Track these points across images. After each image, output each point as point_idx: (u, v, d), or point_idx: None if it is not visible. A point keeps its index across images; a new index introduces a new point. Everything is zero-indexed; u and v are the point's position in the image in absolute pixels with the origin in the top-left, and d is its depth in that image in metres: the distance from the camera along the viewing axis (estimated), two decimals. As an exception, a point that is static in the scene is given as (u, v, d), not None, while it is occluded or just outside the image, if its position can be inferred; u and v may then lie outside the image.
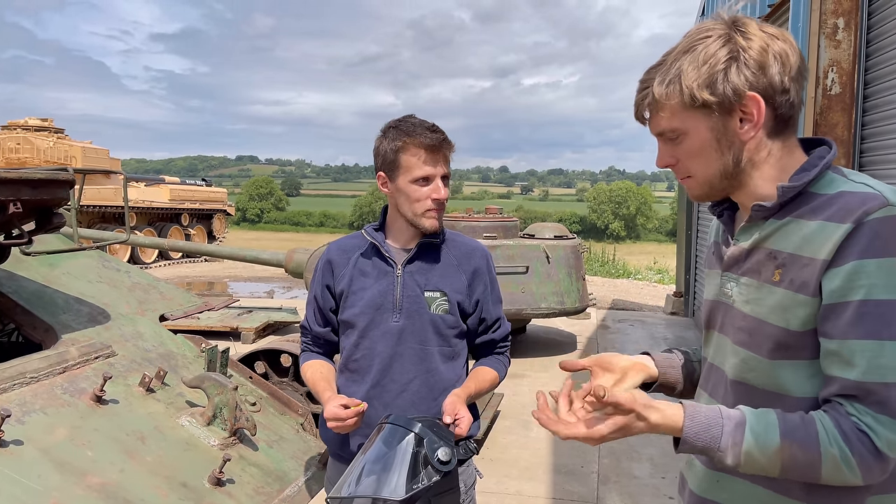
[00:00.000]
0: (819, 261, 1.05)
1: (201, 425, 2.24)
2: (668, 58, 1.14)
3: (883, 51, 4.14)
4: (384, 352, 1.84)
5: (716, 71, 1.08)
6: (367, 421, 1.79)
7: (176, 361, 2.57)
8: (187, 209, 21.68)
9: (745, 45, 1.08)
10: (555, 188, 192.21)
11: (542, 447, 4.89)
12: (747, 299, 1.16)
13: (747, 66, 1.08)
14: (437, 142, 1.79)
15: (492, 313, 1.97)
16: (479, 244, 2.00)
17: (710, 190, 1.19)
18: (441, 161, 1.82)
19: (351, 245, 1.95)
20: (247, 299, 11.89)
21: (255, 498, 2.10)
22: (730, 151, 1.13)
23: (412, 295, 1.85)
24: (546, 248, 7.34)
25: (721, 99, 1.09)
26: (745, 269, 1.17)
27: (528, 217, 38.61)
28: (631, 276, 18.21)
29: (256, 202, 74.79)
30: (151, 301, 2.92)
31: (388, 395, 1.83)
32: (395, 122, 1.85)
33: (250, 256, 8.53)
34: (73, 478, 1.77)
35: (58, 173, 2.10)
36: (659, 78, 1.13)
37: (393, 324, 1.84)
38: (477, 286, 1.93)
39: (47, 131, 18.64)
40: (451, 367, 1.89)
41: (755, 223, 1.16)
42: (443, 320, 1.86)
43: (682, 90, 1.10)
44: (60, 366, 2.13)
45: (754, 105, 1.09)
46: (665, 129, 1.16)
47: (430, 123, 1.83)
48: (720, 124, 1.11)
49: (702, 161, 1.15)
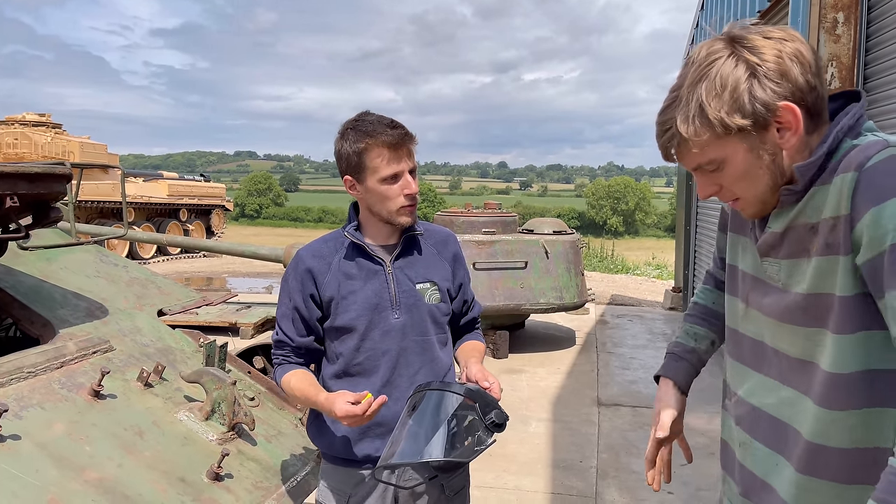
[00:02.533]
0: (841, 217, 1.03)
1: (199, 420, 2.23)
2: (680, 92, 1.10)
3: (883, 45, 4.13)
4: (391, 349, 1.83)
5: (740, 92, 1.05)
6: (380, 420, 1.76)
7: (174, 356, 2.57)
8: (186, 204, 21.67)
9: (758, 59, 1.05)
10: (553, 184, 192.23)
11: (541, 442, 4.89)
12: (798, 280, 1.13)
13: (768, 77, 1.05)
14: (400, 138, 1.76)
15: (469, 294, 2.04)
16: (448, 230, 2.04)
17: (763, 206, 1.17)
18: (405, 156, 1.78)
19: (326, 249, 1.88)
20: (245, 295, 11.88)
21: (253, 493, 2.10)
22: (773, 164, 1.10)
23: (407, 290, 1.85)
24: (545, 244, 7.33)
25: (754, 119, 1.06)
26: (788, 252, 1.15)
27: (526, 212, 38.61)
28: (629, 271, 18.22)
29: (255, 198, 74.70)
30: (149, 296, 2.91)
31: (398, 391, 1.82)
32: (353, 123, 1.79)
33: (248, 252, 8.52)
34: (71, 473, 1.76)
35: (55, 167, 2.09)
36: (681, 116, 1.09)
37: (394, 321, 1.83)
38: (458, 270, 1.98)
39: (45, 126, 18.60)
40: (446, 352, 1.95)
41: (787, 207, 1.14)
42: (438, 309, 1.89)
43: (712, 122, 1.07)
44: (58, 360, 2.12)
45: (789, 114, 1.06)
46: (701, 163, 1.13)
47: (388, 119, 1.78)
48: (758, 142, 1.09)
49: (748, 181, 1.13)
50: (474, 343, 2.02)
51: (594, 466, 4.49)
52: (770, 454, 1.21)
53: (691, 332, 1.55)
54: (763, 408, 1.23)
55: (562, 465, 4.49)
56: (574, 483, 4.23)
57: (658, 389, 1.50)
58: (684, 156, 1.13)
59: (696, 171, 1.16)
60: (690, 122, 1.08)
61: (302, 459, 2.44)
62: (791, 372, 1.17)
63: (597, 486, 4.20)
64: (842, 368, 1.07)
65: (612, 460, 4.59)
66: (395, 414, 1.74)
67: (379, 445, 1.80)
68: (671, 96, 1.12)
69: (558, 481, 4.24)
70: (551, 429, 5.20)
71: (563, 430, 5.16)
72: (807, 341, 1.13)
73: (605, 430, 5.20)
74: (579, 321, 9.37)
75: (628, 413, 5.60)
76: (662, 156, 1.17)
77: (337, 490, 1.88)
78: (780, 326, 1.17)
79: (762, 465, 1.23)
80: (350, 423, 1.65)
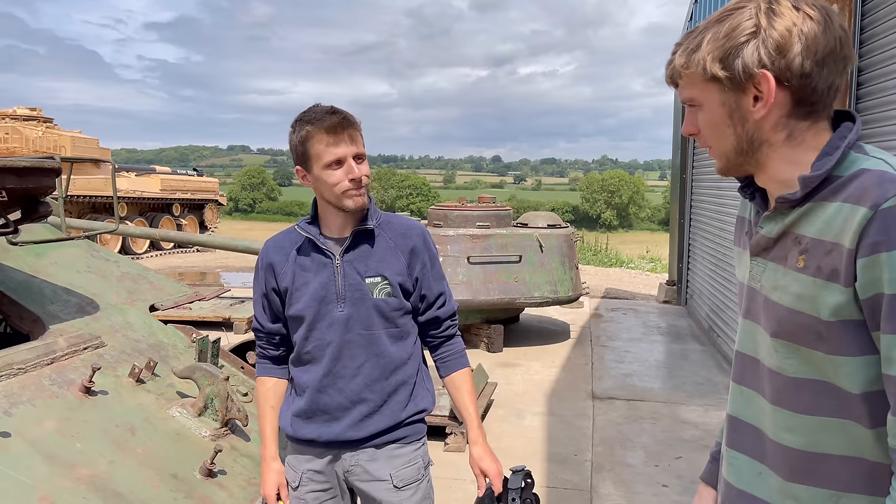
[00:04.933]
0: (844, 249, 1.01)
1: (192, 416, 2.22)
2: (701, 25, 1.12)
3: (877, 37, 4.13)
4: (333, 341, 1.87)
5: (732, 45, 1.06)
6: (323, 408, 1.89)
7: (166, 352, 2.55)
8: (179, 199, 21.56)
9: (768, 23, 1.04)
10: (548, 177, 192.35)
11: (536, 436, 4.89)
12: (774, 286, 1.13)
13: (765, 44, 1.04)
14: (336, 123, 1.78)
15: (433, 289, 1.97)
16: (414, 223, 2.01)
17: (727, 163, 1.17)
18: (346, 141, 1.80)
19: (287, 241, 1.95)
20: (239, 289, 11.84)
21: (246, 489, 2.08)
22: (742, 128, 1.11)
23: (353, 283, 1.87)
24: (539, 238, 7.32)
25: (731, 75, 1.06)
26: (773, 255, 1.15)
27: (521, 206, 38.61)
28: (624, 265, 18.24)
29: (248, 192, 74.45)
30: (141, 291, 2.89)
31: (341, 381, 1.88)
32: (301, 114, 1.84)
33: (242, 246, 8.49)
34: (62, 470, 1.74)
35: (43, 161, 2.07)
36: (683, 46, 1.12)
37: (338, 313, 1.86)
38: (415, 264, 1.94)
39: (36, 121, 18.47)
40: (400, 346, 1.93)
41: (781, 212, 1.13)
42: (386, 304, 1.88)
43: (698, 61, 1.09)
44: (48, 357, 2.10)
45: (765, 84, 1.05)
46: (686, 97, 1.16)
47: (329, 107, 1.82)
48: (732, 100, 1.09)
49: (716, 134, 1.14)
50: (463, 384, 2.00)
51: (589, 460, 4.49)
52: (751, 462, 1.21)
53: None
54: (741, 417, 1.25)
55: (557, 459, 4.49)
56: (569, 476, 4.23)
57: (697, 493, 1.47)
58: (680, 86, 1.17)
59: (685, 104, 1.19)
60: (685, 53, 1.12)
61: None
62: (767, 382, 1.17)
63: (592, 479, 4.20)
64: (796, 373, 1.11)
65: (607, 454, 4.60)
66: (337, 403, 1.87)
67: (322, 431, 1.89)
68: (697, 27, 1.14)
69: (553, 475, 4.24)
70: (546, 422, 5.20)
71: (558, 424, 5.16)
72: (776, 353, 1.13)
73: (600, 423, 5.20)
74: (574, 315, 9.38)
75: (623, 406, 5.61)
76: (666, 76, 1.20)
77: (293, 466, 1.96)
78: (761, 333, 1.17)
79: (744, 476, 1.23)
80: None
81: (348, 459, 1.92)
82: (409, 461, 1.93)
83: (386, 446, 1.91)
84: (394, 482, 1.90)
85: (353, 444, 1.90)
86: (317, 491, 1.92)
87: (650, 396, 5.86)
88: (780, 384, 1.13)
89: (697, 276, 9.35)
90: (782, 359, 1.12)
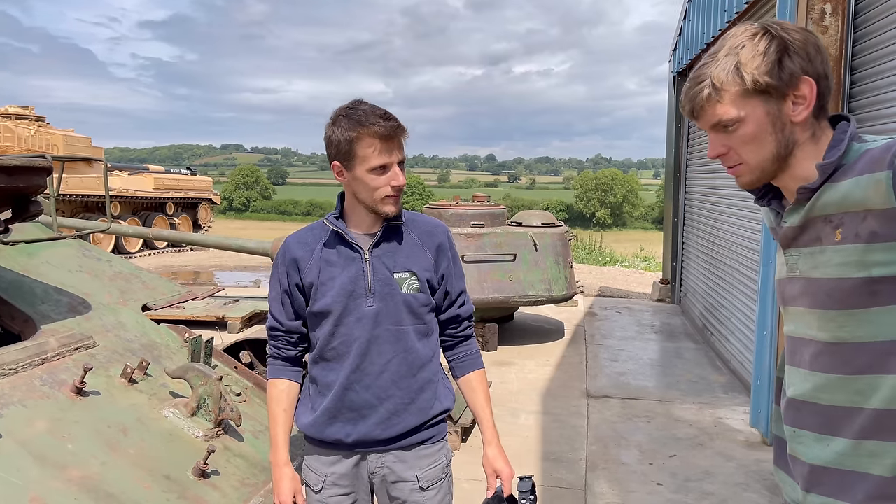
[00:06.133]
0: (877, 210, 1.13)
1: (185, 416, 2.20)
2: (719, 55, 1.24)
3: (870, 36, 4.14)
4: (361, 336, 1.85)
5: (773, 59, 1.20)
6: (349, 405, 1.86)
7: (159, 352, 2.53)
8: (172, 198, 21.49)
9: (790, 38, 1.21)
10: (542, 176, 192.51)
11: (531, 435, 4.90)
12: (814, 265, 1.25)
13: (798, 54, 1.20)
14: (392, 130, 1.77)
15: (455, 287, 1.99)
16: (438, 221, 2.02)
17: (760, 175, 1.29)
18: (396, 148, 1.80)
19: (311, 237, 1.93)
20: (233, 289, 11.82)
21: (240, 489, 2.07)
22: (782, 134, 1.24)
23: (383, 278, 1.86)
24: (533, 236, 7.33)
25: (779, 84, 1.21)
26: (803, 241, 1.27)
27: (515, 205, 38.62)
28: (618, 263, 18.27)
29: (242, 191, 74.30)
30: (133, 291, 2.87)
31: (368, 377, 1.86)
32: (346, 111, 1.80)
33: (235, 245, 8.46)
34: (54, 471, 1.73)
35: (34, 160, 2.05)
36: (717, 70, 1.23)
37: (367, 308, 1.85)
38: (441, 261, 1.94)
39: (28, 119, 18.38)
40: (426, 343, 1.92)
41: (800, 203, 1.26)
42: (415, 299, 1.88)
43: (745, 76, 1.21)
44: (40, 357, 2.08)
45: (807, 88, 1.21)
46: (723, 118, 1.25)
47: (381, 110, 1.79)
48: (776, 108, 1.23)
49: (755, 146, 1.25)
50: (479, 385, 2.00)
51: (583, 458, 4.49)
52: (818, 437, 1.28)
53: None
54: (802, 397, 1.31)
55: (551, 458, 4.49)
56: (563, 475, 4.23)
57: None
58: (707, 111, 1.26)
59: (712, 130, 1.29)
60: (726, 73, 1.23)
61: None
62: (824, 355, 1.25)
63: (586, 477, 4.20)
64: (853, 338, 1.20)
65: (602, 452, 4.60)
66: (364, 400, 1.85)
67: (350, 430, 1.87)
68: (709, 58, 1.26)
69: (548, 473, 4.24)
70: (540, 421, 5.20)
71: (553, 423, 5.16)
72: (831, 323, 1.22)
73: (595, 421, 5.21)
74: (568, 313, 9.39)
75: (617, 405, 5.61)
76: (687, 110, 1.30)
77: (315, 469, 1.94)
78: (810, 313, 1.26)
79: (814, 450, 1.29)
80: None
81: (375, 461, 1.91)
82: (434, 461, 1.94)
83: (414, 448, 1.91)
84: (420, 483, 1.90)
85: (380, 443, 1.89)
86: (339, 495, 1.91)
87: (644, 395, 5.87)
88: (842, 353, 1.22)
89: (691, 274, 9.36)
90: (838, 328, 1.21)
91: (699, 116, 1.28)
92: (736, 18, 6.56)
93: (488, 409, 1.98)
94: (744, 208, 6.59)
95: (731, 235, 7.06)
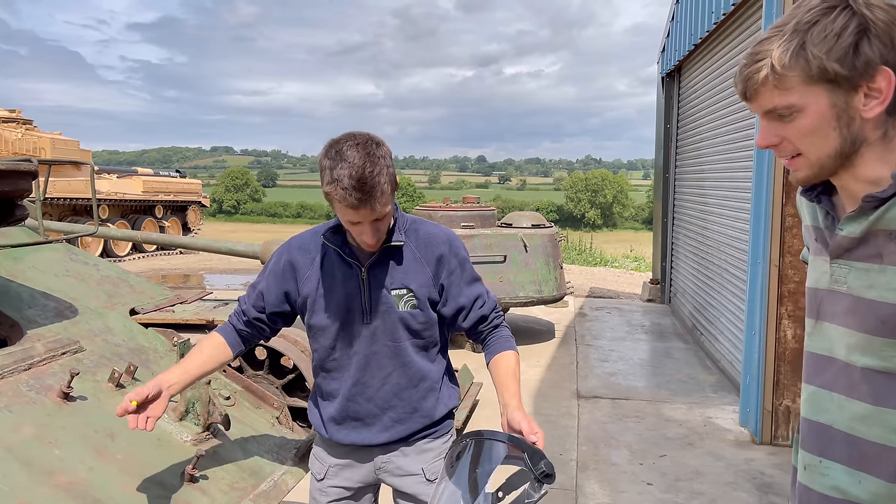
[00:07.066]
0: None
1: (173, 421, 2.19)
2: (785, 28, 1.05)
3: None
4: (360, 351, 1.86)
5: (847, 43, 1.01)
6: (353, 415, 1.90)
7: (147, 356, 2.52)
8: (161, 201, 21.38)
9: (873, 17, 1.01)
10: (532, 177, 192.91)
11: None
12: (870, 284, 1.08)
13: (879, 38, 1.01)
14: (359, 202, 1.64)
15: (466, 295, 1.92)
16: (440, 230, 1.94)
17: (819, 171, 1.11)
18: (367, 212, 1.68)
19: (312, 245, 1.91)
20: (222, 291, 11.76)
21: (229, 494, 2.06)
22: (848, 130, 1.06)
23: (379, 296, 1.85)
24: (523, 237, 7.34)
25: (850, 73, 1.02)
26: (859, 255, 1.10)
27: (505, 206, 38.68)
28: (608, 264, 18.32)
29: (232, 193, 74.03)
30: (121, 295, 2.86)
31: (370, 389, 1.88)
32: (331, 153, 1.66)
33: (225, 248, 8.42)
34: (40, 477, 1.72)
35: (19, 164, 2.04)
36: (780, 48, 1.04)
37: (364, 325, 1.85)
38: (441, 273, 1.89)
39: (15, 122, 18.23)
40: (425, 356, 1.93)
41: (864, 212, 1.09)
42: (412, 316, 1.86)
43: (810, 62, 1.02)
44: (26, 362, 2.06)
45: (885, 80, 1.02)
46: (778, 105, 1.08)
47: (357, 174, 1.62)
48: (843, 100, 1.04)
49: (816, 139, 1.08)
50: (507, 363, 1.92)
51: (574, 459, 4.50)
52: (848, 471, 1.15)
53: None
54: (834, 425, 1.18)
55: (542, 459, 4.49)
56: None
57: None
58: (761, 95, 1.09)
59: (765, 116, 1.12)
60: (789, 55, 1.04)
61: (279, 459, 2.41)
62: (864, 384, 1.12)
63: (577, 478, 4.21)
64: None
65: (592, 453, 4.61)
66: (367, 410, 1.89)
67: (354, 437, 1.92)
68: (773, 30, 1.07)
69: (538, 474, 4.24)
70: (531, 422, 5.20)
71: (543, 423, 5.17)
72: (883, 350, 1.08)
73: (585, 422, 5.22)
74: (558, 314, 9.41)
75: (608, 405, 5.63)
76: (740, 90, 1.12)
77: (320, 458, 1.99)
78: (857, 336, 1.12)
79: (839, 483, 1.17)
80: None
81: (380, 458, 1.95)
82: (438, 454, 1.96)
83: (417, 442, 1.95)
84: (426, 476, 1.94)
85: (385, 445, 1.93)
86: (340, 487, 1.95)
87: (634, 395, 5.89)
88: (887, 384, 1.08)
89: (681, 274, 9.41)
90: (887, 358, 1.07)
91: (752, 99, 1.11)
92: (723, 20, 6.60)
93: (516, 382, 1.89)
94: (732, 208, 6.63)
95: (719, 235, 7.10)
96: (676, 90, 9.82)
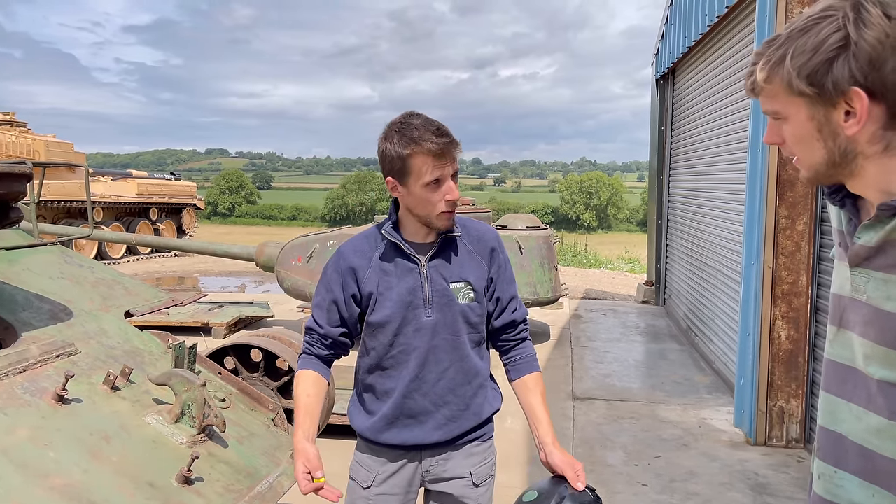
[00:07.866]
0: None
1: (168, 423, 2.19)
2: (782, 34, 1.06)
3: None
4: (420, 346, 1.88)
5: (820, 61, 1.00)
6: (408, 412, 1.89)
7: (142, 358, 2.52)
8: (156, 203, 21.34)
9: (856, 36, 0.97)
10: (527, 179, 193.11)
11: (517, 438, 4.91)
12: (888, 296, 1.05)
13: (856, 58, 0.97)
14: (445, 146, 1.76)
15: (507, 292, 1.99)
16: (488, 227, 2.03)
17: (815, 175, 1.11)
18: (449, 162, 1.79)
19: (366, 245, 1.93)
20: (217, 294, 11.74)
21: (224, 496, 2.06)
22: (834, 143, 1.05)
23: (440, 289, 1.88)
24: (519, 239, 7.35)
25: (819, 91, 1.01)
26: (878, 265, 1.07)
27: (500, 208, 38.71)
28: (603, 266, 18.36)
29: (227, 196, 73.83)
30: (116, 297, 2.85)
31: (426, 385, 1.89)
32: (399, 126, 1.78)
33: (220, 251, 8.41)
34: (35, 479, 1.72)
35: (13, 166, 2.04)
36: (766, 58, 1.06)
37: (426, 319, 1.87)
38: (492, 267, 1.96)
39: (9, 125, 18.18)
40: (478, 351, 1.96)
41: (881, 220, 1.05)
42: (471, 309, 1.90)
43: (783, 75, 1.04)
44: (20, 364, 2.06)
45: (858, 101, 0.99)
46: (769, 111, 1.11)
47: (435, 125, 1.77)
48: (822, 115, 1.04)
49: (804, 147, 1.09)
50: (539, 390, 1.98)
51: (569, 460, 4.50)
52: (862, 485, 1.13)
53: None
54: (849, 436, 1.15)
55: (537, 461, 4.49)
56: (549, 477, 4.24)
57: None
58: (761, 95, 1.11)
59: (768, 116, 1.14)
60: (769, 66, 1.06)
61: (274, 461, 2.41)
62: (881, 397, 1.09)
63: (572, 479, 4.22)
64: None
65: (587, 454, 4.62)
66: (422, 407, 1.89)
67: (406, 436, 1.90)
68: (776, 35, 1.08)
69: (534, 476, 4.25)
70: (526, 424, 5.19)
71: (539, 425, 5.17)
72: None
73: (580, 423, 5.23)
74: (553, 316, 9.42)
75: (603, 406, 5.64)
76: (746, 88, 1.14)
77: (366, 466, 1.97)
78: (875, 348, 1.08)
79: (853, 497, 1.15)
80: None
81: (428, 461, 1.95)
82: (484, 458, 1.99)
83: (464, 446, 1.96)
84: (473, 480, 1.95)
85: (435, 446, 1.93)
86: (387, 494, 1.94)
87: (629, 396, 5.90)
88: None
89: (675, 276, 9.43)
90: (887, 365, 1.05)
91: (757, 96, 1.12)
92: (716, 23, 6.63)
93: (546, 412, 1.97)
94: (726, 210, 6.65)
95: (713, 237, 7.13)
96: (671, 92, 9.86)
